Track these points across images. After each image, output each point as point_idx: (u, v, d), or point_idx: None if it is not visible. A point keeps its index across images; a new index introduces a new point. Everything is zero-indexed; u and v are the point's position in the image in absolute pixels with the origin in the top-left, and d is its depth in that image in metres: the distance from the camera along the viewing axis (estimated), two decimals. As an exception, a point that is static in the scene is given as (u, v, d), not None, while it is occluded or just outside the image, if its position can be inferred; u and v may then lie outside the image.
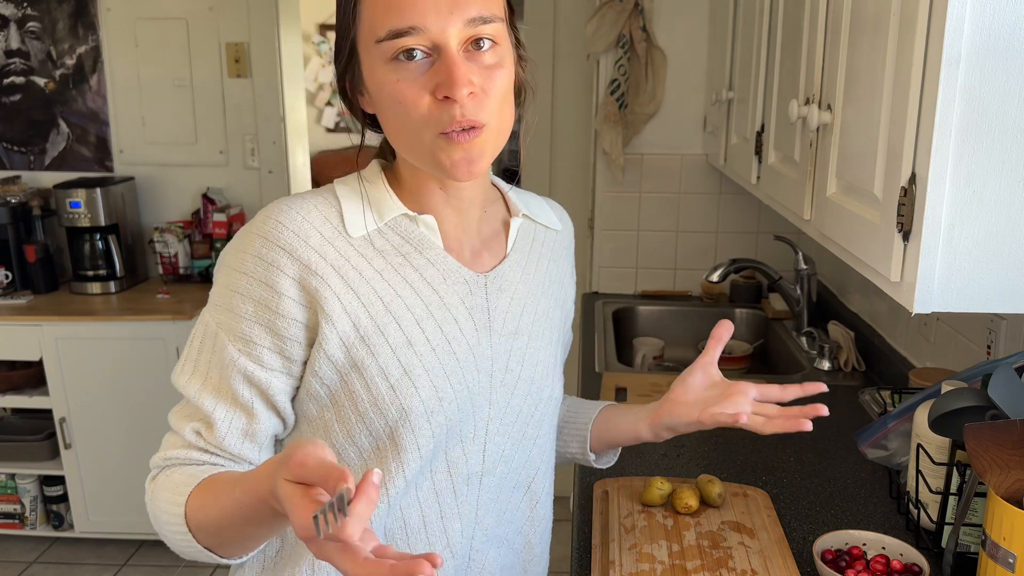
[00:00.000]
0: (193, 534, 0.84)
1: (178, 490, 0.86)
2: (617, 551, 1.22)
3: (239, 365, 0.87)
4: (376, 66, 0.83)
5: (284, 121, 3.17)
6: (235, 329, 0.87)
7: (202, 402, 0.89)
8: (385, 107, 0.85)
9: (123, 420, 2.85)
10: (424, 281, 0.91)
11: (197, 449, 0.90)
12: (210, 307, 0.90)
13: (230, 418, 0.89)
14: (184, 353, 0.93)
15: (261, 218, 0.88)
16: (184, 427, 0.90)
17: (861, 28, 1.05)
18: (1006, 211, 0.83)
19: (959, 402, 1.13)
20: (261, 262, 0.86)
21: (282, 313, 0.86)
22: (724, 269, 2.27)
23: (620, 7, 2.50)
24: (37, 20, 3.10)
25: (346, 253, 0.88)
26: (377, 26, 0.81)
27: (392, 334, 0.88)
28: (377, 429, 0.88)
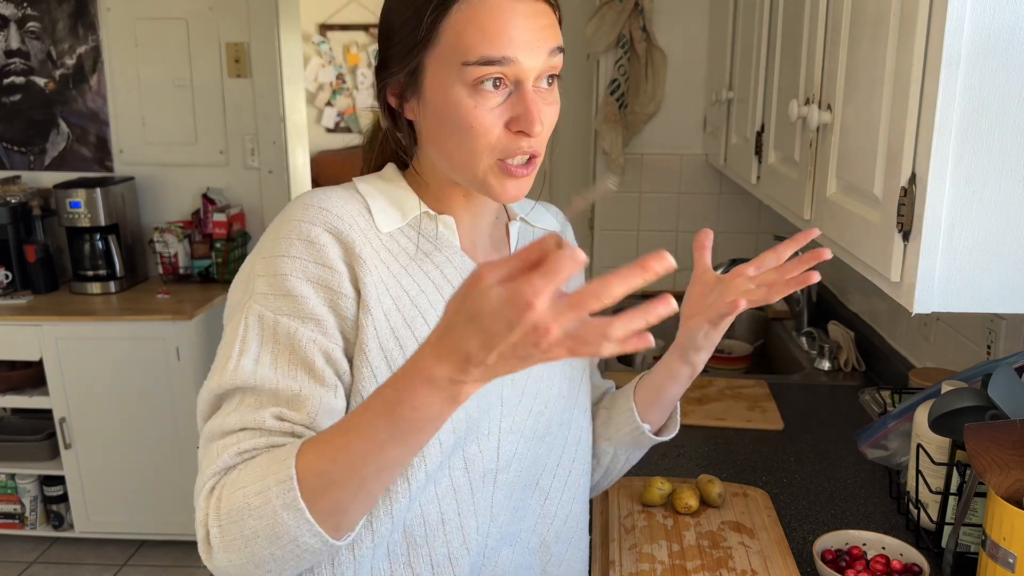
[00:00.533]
0: (306, 502, 0.73)
1: (275, 461, 0.75)
2: (617, 551, 1.22)
3: (319, 343, 0.84)
4: (452, 85, 0.84)
5: (284, 121, 3.17)
6: (301, 311, 0.84)
7: (283, 383, 0.82)
8: (448, 125, 0.86)
9: (123, 420, 2.85)
10: (444, 279, 0.93)
11: (281, 434, 0.80)
12: (257, 298, 0.85)
13: (319, 394, 0.83)
14: (228, 352, 0.85)
15: (299, 207, 0.88)
16: (259, 417, 0.80)
17: (861, 28, 1.05)
18: (1006, 211, 0.83)
19: (959, 402, 1.13)
20: (311, 245, 0.85)
21: (343, 292, 0.85)
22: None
23: (620, 7, 2.50)
24: (37, 20, 3.10)
25: (376, 245, 0.89)
26: (468, 50, 0.82)
27: (419, 329, 0.89)
28: None
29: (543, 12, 0.86)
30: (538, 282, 0.57)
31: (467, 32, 0.82)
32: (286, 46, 3.16)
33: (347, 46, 5.66)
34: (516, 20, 0.83)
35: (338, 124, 5.78)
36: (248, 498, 0.75)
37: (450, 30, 0.83)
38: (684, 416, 1.75)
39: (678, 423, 1.13)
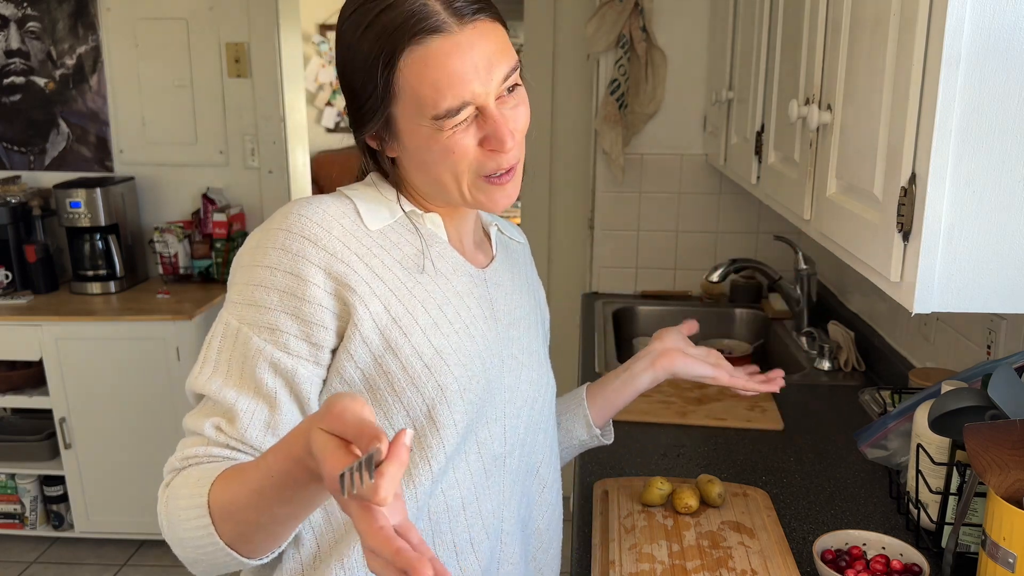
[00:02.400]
0: (216, 527, 0.79)
1: (199, 483, 0.82)
2: (617, 551, 1.22)
3: (265, 353, 0.87)
4: (421, 127, 0.88)
5: (284, 121, 3.17)
6: (259, 320, 0.87)
7: (224, 396, 0.87)
8: (429, 157, 0.90)
9: (123, 420, 2.85)
10: (437, 271, 0.96)
11: (217, 445, 0.87)
12: (229, 307, 0.90)
13: (252, 409, 0.87)
14: (201, 357, 0.91)
15: (279, 216, 0.91)
16: (203, 424, 0.87)
17: (861, 28, 1.05)
18: (1006, 211, 0.83)
19: (959, 402, 1.13)
20: (286, 253, 0.88)
21: (308, 299, 0.87)
22: (724, 269, 2.27)
23: (620, 7, 2.50)
24: (37, 20, 3.10)
25: (367, 244, 0.92)
26: (430, 106, 0.86)
27: (420, 317, 0.92)
28: (415, 408, 0.90)
29: (487, 34, 0.87)
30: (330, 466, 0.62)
31: (421, 89, 0.85)
32: (286, 46, 3.16)
33: (347, 46, 5.66)
34: (464, 60, 0.85)
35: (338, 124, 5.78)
36: (179, 511, 0.83)
37: (405, 84, 0.86)
38: (684, 416, 1.75)
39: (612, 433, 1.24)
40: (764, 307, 2.56)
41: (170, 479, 0.88)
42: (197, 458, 0.87)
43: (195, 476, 0.84)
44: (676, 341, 1.19)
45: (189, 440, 0.89)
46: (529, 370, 1.04)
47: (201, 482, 0.82)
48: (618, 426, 1.37)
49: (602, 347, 2.26)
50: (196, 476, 0.84)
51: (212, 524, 0.80)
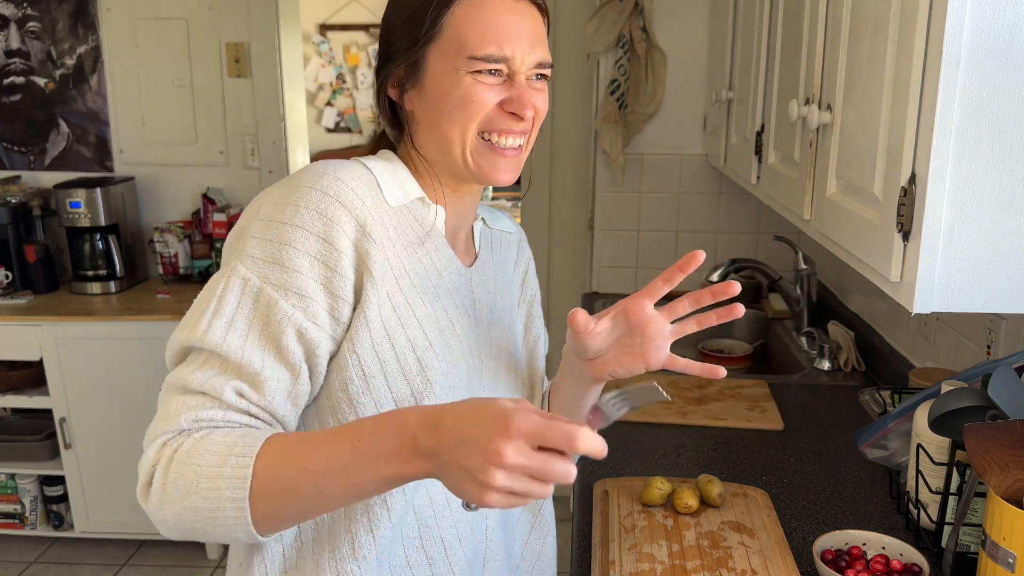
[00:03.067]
0: (252, 499, 0.77)
1: (236, 452, 0.78)
2: (617, 551, 1.22)
3: (295, 320, 0.83)
4: (453, 71, 0.90)
5: (284, 121, 3.17)
6: (288, 284, 0.84)
7: (247, 358, 0.82)
8: (447, 104, 0.90)
9: (123, 420, 2.85)
10: (433, 265, 0.96)
11: (238, 411, 0.83)
12: (247, 260, 0.85)
13: (278, 376, 0.84)
14: (207, 308, 0.84)
15: (311, 174, 0.87)
16: (222, 387, 0.82)
17: (861, 28, 1.05)
18: (1006, 211, 0.83)
19: (959, 402, 1.13)
20: (320, 216, 0.84)
21: (339, 271, 0.85)
22: (724, 269, 2.27)
23: (620, 7, 2.50)
24: (37, 20, 3.10)
25: (386, 222, 0.91)
26: (472, 47, 0.89)
27: (417, 308, 0.91)
28: (403, 399, 0.89)
29: (537, 17, 0.93)
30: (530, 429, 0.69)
31: (470, 30, 0.88)
32: (286, 46, 3.16)
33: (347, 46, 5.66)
34: (514, 23, 0.90)
35: (338, 124, 5.78)
36: (200, 479, 0.78)
37: (452, 26, 0.89)
38: (684, 416, 1.75)
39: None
40: (764, 307, 2.56)
41: (168, 438, 0.82)
42: (213, 422, 0.82)
43: (222, 447, 0.79)
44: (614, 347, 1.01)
45: (195, 400, 0.82)
46: (506, 370, 1.04)
47: (237, 452, 0.78)
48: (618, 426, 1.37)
49: (602, 347, 2.25)
50: (225, 447, 0.79)
51: (248, 497, 0.77)
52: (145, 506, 0.83)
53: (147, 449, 0.83)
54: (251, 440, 0.79)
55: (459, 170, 0.94)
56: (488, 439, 0.68)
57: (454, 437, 0.71)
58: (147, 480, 0.82)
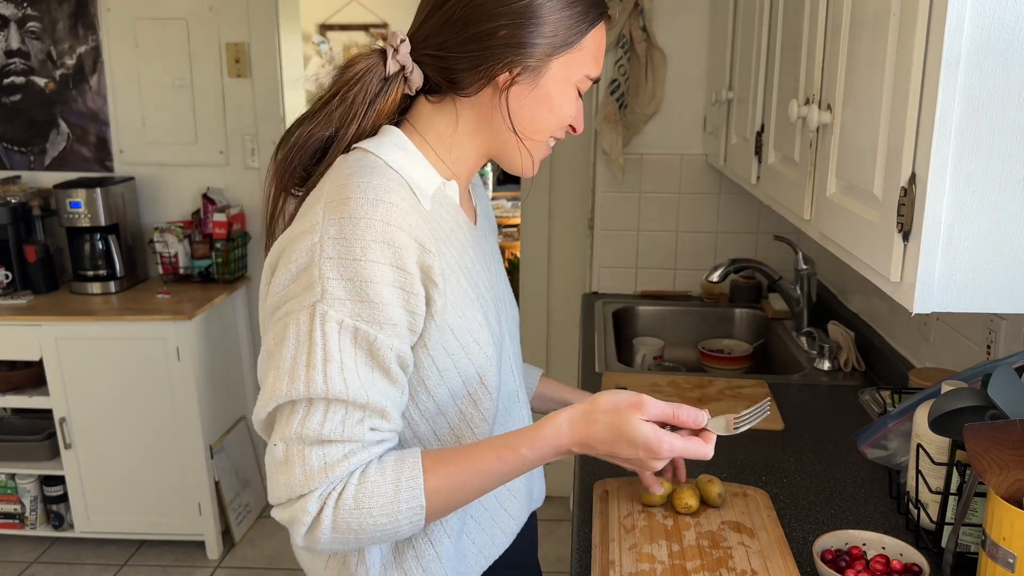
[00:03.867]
0: (427, 504, 0.91)
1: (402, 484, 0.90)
2: (617, 551, 1.22)
3: (395, 349, 0.90)
4: (568, 84, 1.00)
5: (284, 121, 3.16)
6: (380, 318, 0.89)
7: (373, 397, 0.89)
8: (548, 109, 1.00)
9: (123, 420, 2.85)
10: (460, 241, 1.02)
11: (375, 443, 0.91)
12: (332, 303, 0.87)
13: (395, 400, 0.93)
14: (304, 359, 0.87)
15: (367, 202, 0.88)
16: (359, 430, 0.89)
17: (861, 28, 1.05)
18: (1006, 211, 0.83)
19: (959, 402, 1.13)
20: (388, 247, 0.88)
21: (415, 292, 0.91)
22: (724, 269, 2.27)
23: (620, 7, 2.50)
24: (37, 20, 3.10)
25: (430, 229, 0.95)
26: (591, 67, 1.01)
27: (466, 294, 0.99)
28: (471, 378, 1.00)
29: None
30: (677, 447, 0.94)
31: (592, 50, 1.00)
32: (286, 46, 3.16)
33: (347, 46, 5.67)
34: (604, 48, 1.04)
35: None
36: (376, 518, 0.89)
37: (587, 43, 0.99)
38: (684, 416, 1.75)
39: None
40: (764, 307, 2.56)
41: (330, 490, 0.89)
42: (362, 464, 0.90)
43: (386, 480, 0.90)
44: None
45: (340, 450, 0.88)
46: (513, 310, 1.18)
47: (403, 488, 0.90)
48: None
49: (602, 347, 2.26)
50: (387, 480, 0.90)
51: (424, 516, 0.92)
52: (306, 545, 0.91)
53: (300, 501, 0.88)
54: (410, 470, 0.91)
55: (512, 157, 1.03)
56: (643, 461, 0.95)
57: (607, 453, 0.95)
58: (309, 528, 0.89)
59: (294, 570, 2.92)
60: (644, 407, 0.93)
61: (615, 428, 0.93)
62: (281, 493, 0.89)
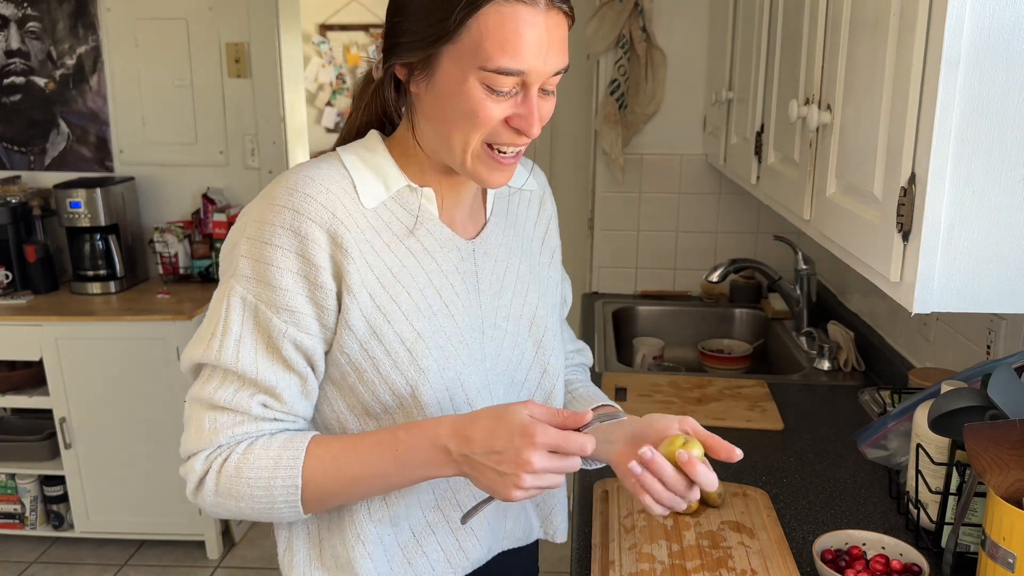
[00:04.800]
0: (303, 503, 0.93)
1: (282, 462, 0.91)
2: (617, 551, 1.22)
3: (289, 335, 0.92)
4: (465, 79, 0.88)
5: (284, 121, 3.17)
6: (277, 302, 0.91)
7: (262, 374, 0.92)
8: (452, 111, 0.90)
9: (123, 420, 2.85)
10: (424, 251, 0.98)
11: (267, 420, 0.94)
12: (240, 280, 0.92)
13: (290, 383, 0.94)
14: (212, 328, 0.93)
15: (284, 190, 0.92)
16: (247, 402, 0.92)
17: (861, 28, 1.05)
18: (1006, 211, 0.83)
19: (959, 402, 1.13)
20: (295, 235, 0.90)
21: (321, 284, 0.91)
22: (724, 269, 2.27)
23: (620, 7, 2.50)
24: (37, 20, 3.10)
25: (362, 225, 0.94)
26: (488, 57, 0.87)
27: (403, 302, 0.95)
28: (399, 388, 0.96)
29: (559, 25, 0.90)
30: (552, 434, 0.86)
31: (489, 38, 0.86)
32: (286, 46, 3.16)
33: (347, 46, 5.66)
34: (537, 36, 0.87)
35: (338, 124, 5.78)
36: (253, 489, 0.92)
37: (474, 31, 0.87)
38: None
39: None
40: (764, 307, 2.56)
41: (209, 453, 0.93)
42: (248, 435, 0.94)
43: (269, 455, 0.92)
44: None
45: (227, 417, 0.93)
46: (513, 336, 1.07)
47: (283, 465, 0.91)
48: (618, 426, 1.37)
49: (602, 347, 2.25)
50: (270, 456, 0.92)
51: (300, 496, 0.92)
52: (196, 502, 0.96)
53: (191, 460, 0.95)
54: (294, 450, 0.92)
55: (456, 168, 0.96)
56: (517, 450, 0.85)
57: (484, 447, 0.87)
58: (195, 486, 0.95)
59: (294, 570, 2.92)
60: (530, 404, 0.89)
61: (496, 416, 0.88)
62: (182, 448, 0.96)
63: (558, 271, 1.21)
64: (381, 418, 0.98)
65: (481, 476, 0.88)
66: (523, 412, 0.87)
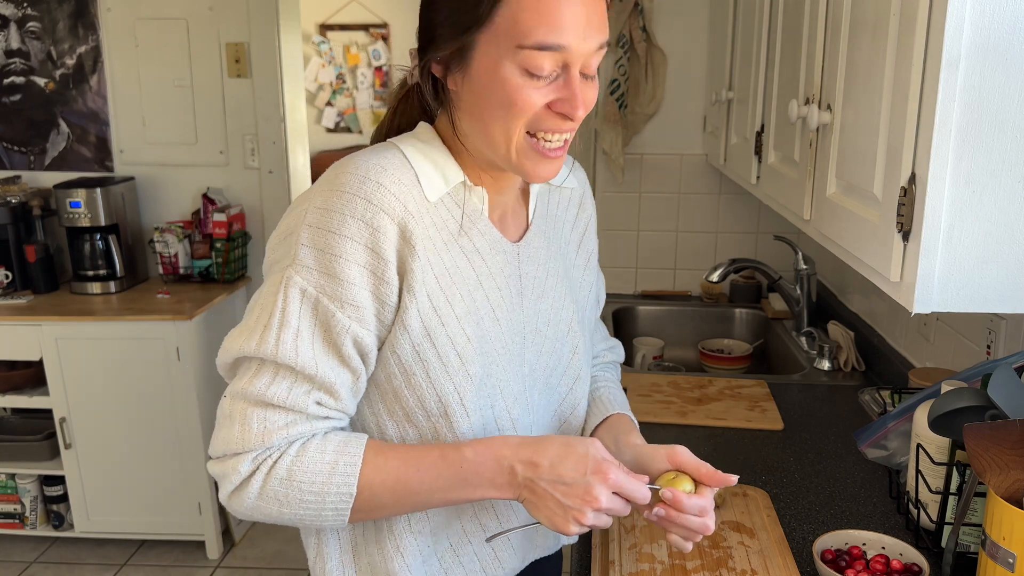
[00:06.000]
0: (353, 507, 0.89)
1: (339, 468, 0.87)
2: (617, 551, 1.22)
3: (352, 331, 0.87)
4: (502, 64, 0.85)
5: (284, 121, 3.17)
6: (343, 296, 0.86)
7: (322, 371, 0.87)
8: (492, 101, 0.87)
9: (123, 420, 2.85)
10: (476, 251, 0.96)
11: (320, 418, 0.90)
12: (301, 271, 0.86)
13: (345, 381, 0.90)
14: (266, 319, 0.87)
15: (355, 178, 0.87)
16: (303, 400, 0.88)
17: (861, 28, 1.05)
18: (1006, 211, 0.83)
19: (959, 402, 1.13)
20: (366, 227, 0.86)
21: (387, 280, 0.88)
22: (724, 269, 2.27)
23: (620, 7, 2.50)
24: (37, 20, 3.10)
25: (426, 222, 0.91)
26: (524, 34, 0.83)
27: (457, 304, 0.92)
28: (446, 394, 0.92)
29: (600, 0, 0.88)
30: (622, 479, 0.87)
31: (524, 16, 0.83)
32: (286, 46, 3.15)
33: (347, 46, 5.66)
34: (575, 9, 0.84)
35: (338, 124, 5.78)
36: (304, 495, 0.88)
37: (507, 12, 0.83)
38: (684, 416, 1.75)
39: None
40: (764, 307, 2.56)
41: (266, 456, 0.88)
42: (302, 435, 0.89)
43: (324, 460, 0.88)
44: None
45: (281, 417, 0.87)
46: (552, 342, 1.05)
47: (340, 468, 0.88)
48: (618, 426, 1.37)
49: (602, 347, 2.25)
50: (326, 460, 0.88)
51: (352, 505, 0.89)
52: (228, 504, 0.90)
53: (233, 460, 0.88)
54: (351, 456, 0.89)
55: (499, 162, 0.92)
56: (588, 485, 0.85)
57: (552, 475, 0.86)
58: (236, 488, 0.89)
59: (294, 570, 2.93)
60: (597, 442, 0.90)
61: (568, 444, 0.88)
62: (219, 447, 0.89)
63: (593, 273, 1.18)
64: (422, 426, 0.94)
65: (541, 503, 0.86)
66: (595, 448, 0.88)
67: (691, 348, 2.53)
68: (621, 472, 0.86)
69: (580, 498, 0.85)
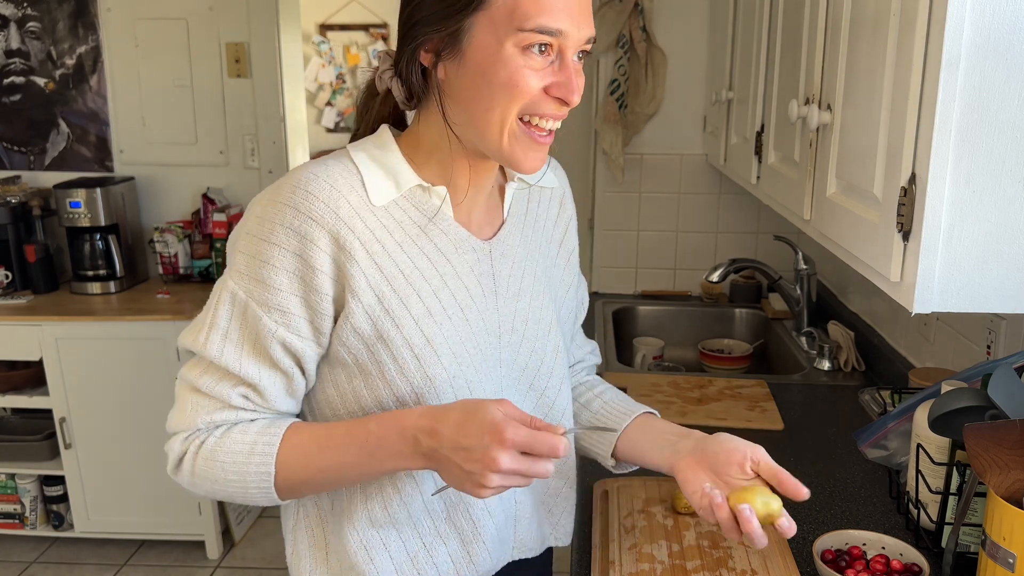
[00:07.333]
0: (276, 488, 0.93)
1: (257, 448, 0.91)
2: (617, 551, 1.22)
3: (278, 335, 0.91)
4: (501, 47, 0.85)
5: (284, 121, 3.17)
6: (269, 301, 0.90)
7: (245, 370, 0.92)
8: (490, 83, 0.86)
9: (123, 420, 2.85)
10: (438, 251, 0.95)
11: (247, 411, 0.94)
12: (235, 275, 0.91)
13: (274, 380, 0.93)
14: (204, 318, 0.93)
15: (288, 188, 0.89)
16: (227, 392, 0.93)
17: (861, 28, 1.05)
18: (1006, 211, 0.83)
19: (959, 402, 1.13)
20: (294, 234, 0.88)
21: (316, 288, 0.90)
22: (724, 269, 2.27)
23: (620, 7, 2.50)
24: (37, 20, 3.10)
25: (371, 224, 0.91)
26: (525, 17, 0.84)
27: (413, 305, 0.93)
28: (404, 395, 0.94)
29: None
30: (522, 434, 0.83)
31: (526, 2, 0.84)
32: (286, 46, 3.16)
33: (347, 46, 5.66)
34: None
35: (338, 124, 5.78)
36: (227, 474, 0.92)
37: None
38: (684, 416, 1.75)
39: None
40: (764, 307, 2.56)
41: (195, 437, 0.94)
42: (227, 423, 0.94)
43: (245, 441, 0.92)
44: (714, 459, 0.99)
45: (207, 403, 0.93)
46: (531, 341, 1.04)
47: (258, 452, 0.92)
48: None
49: (602, 347, 2.25)
50: (247, 441, 0.92)
51: (273, 485, 0.92)
52: (175, 479, 0.97)
53: (172, 439, 0.97)
54: (271, 436, 0.92)
55: (490, 151, 0.91)
56: (485, 448, 0.82)
57: (452, 442, 0.84)
58: (174, 464, 0.96)
59: (294, 570, 2.92)
60: (505, 403, 0.86)
61: (467, 411, 0.85)
62: (167, 424, 0.98)
63: (574, 274, 1.18)
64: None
65: (448, 471, 0.86)
66: (495, 409, 0.84)
67: (691, 348, 2.53)
68: (521, 430, 0.82)
69: (480, 462, 0.82)
